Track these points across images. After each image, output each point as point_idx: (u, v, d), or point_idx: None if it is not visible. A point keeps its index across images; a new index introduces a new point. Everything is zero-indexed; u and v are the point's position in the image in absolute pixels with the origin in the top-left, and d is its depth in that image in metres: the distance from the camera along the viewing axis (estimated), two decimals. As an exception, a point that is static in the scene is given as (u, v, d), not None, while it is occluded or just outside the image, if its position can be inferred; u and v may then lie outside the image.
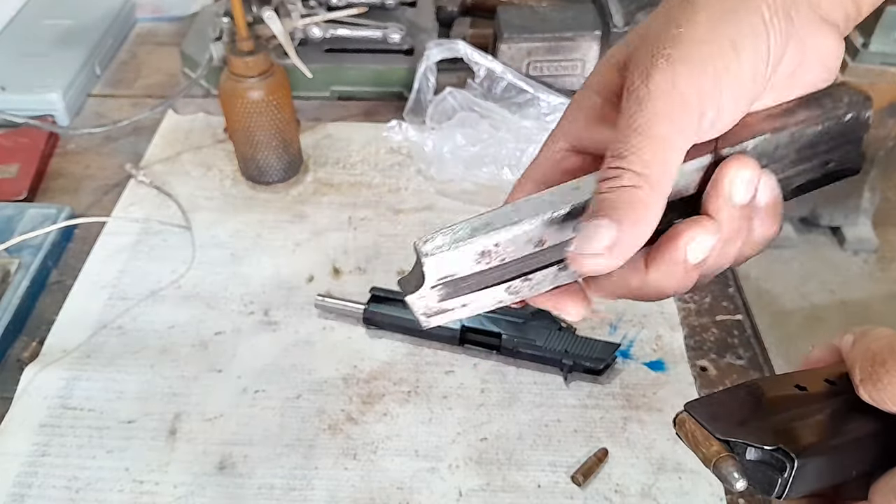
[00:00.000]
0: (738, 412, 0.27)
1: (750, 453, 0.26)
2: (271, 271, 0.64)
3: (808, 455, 0.26)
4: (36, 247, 0.63)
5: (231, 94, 0.66)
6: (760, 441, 0.26)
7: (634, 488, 0.49)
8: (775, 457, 0.26)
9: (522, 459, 0.51)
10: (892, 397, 0.26)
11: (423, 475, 0.50)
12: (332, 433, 0.52)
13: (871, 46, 1.43)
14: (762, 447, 0.26)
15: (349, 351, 0.58)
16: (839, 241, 1.82)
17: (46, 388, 0.54)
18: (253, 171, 0.71)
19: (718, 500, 0.49)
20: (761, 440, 0.26)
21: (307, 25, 0.79)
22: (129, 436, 0.52)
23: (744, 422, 0.27)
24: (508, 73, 0.74)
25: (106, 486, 0.49)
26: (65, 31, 0.88)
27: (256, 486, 0.49)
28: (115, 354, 0.57)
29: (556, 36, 0.75)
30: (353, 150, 0.77)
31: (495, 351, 0.56)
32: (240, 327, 0.59)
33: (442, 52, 0.74)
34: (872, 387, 0.26)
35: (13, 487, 0.49)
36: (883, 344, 0.26)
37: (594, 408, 0.54)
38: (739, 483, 0.25)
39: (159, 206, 0.70)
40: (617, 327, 0.59)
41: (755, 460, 0.26)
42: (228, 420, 0.53)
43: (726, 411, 0.27)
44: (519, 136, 0.70)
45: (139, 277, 0.63)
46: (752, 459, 0.26)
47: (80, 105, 0.83)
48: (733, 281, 0.64)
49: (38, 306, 0.61)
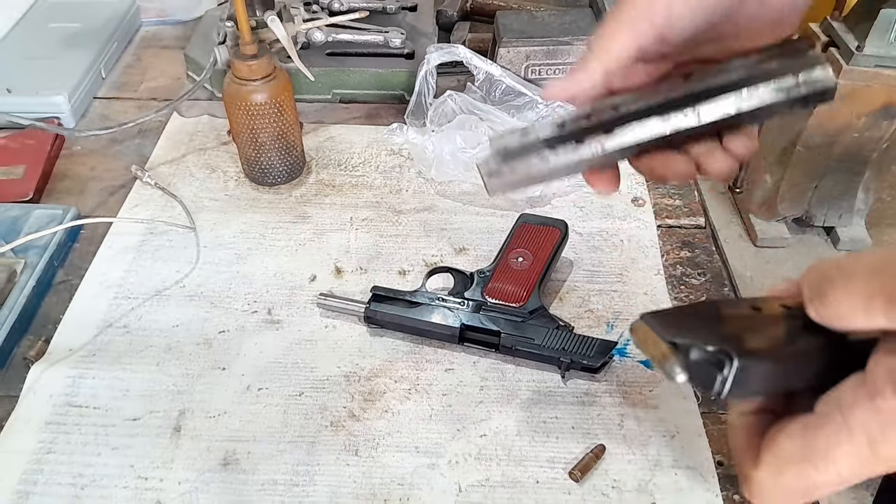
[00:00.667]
0: (691, 323, 0.29)
1: (693, 353, 0.28)
2: (274, 271, 0.65)
3: (749, 357, 0.27)
4: (42, 247, 0.64)
5: (235, 96, 0.67)
6: (705, 342, 0.27)
7: (631, 484, 0.50)
8: (717, 356, 0.27)
9: (521, 455, 0.52)
10: (837, 314, 0.26)
11: (424, 471, 0.51)
12: (334, 430, 0.53)
13: (866, 49, 1.44)
14: (705, 347, 0.27)
15: (351, 349, 0.58)
16: (833, 241, 1.83)
17: (52, 386, 0.55)
18: (256, 172, 0.72)
19: (714, 496, 0.50)
20: (706, 341, 0.27)
21: (310, 29, 0.80)
22: (134, 433, 0.53)
23: (693, 328, 0.28)
24: (507, 76, 0.75)
25: (111, 482, 0.50)
26: (71, 34, 0.89)
27: (260, 482, 0.50)
28: (120, 353, 0.58)
29: (554, 40, 0.76)
30: (355, 152, 0.78)
31: (494, 349, 0.57)
32: (243, 326, 0.60)
33: (442, 55, 0.75)
34: (820, 303, 0.27)
35: (19, 484, 0.50)
36: (831, 263, 0.27)
37: (591, 405, 0.55)
38: (680, 376, 0.27)
39: (164, 207, 0.71)
40: (614, 326, 0.60)
41: (698, 360, 0.27)
42: (232, 417, 0.54)
43: (679, 321, 0.29)
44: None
45: (144, 277, 0.64)
46: (696, 359, 0.27)
47: (86, 107, 0.84)
48: (728, 280, 0.65)
49: (45, 306, 0.62)
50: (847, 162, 1.64)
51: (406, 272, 0.65)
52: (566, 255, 0.65)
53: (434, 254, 0.66)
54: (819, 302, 0.27)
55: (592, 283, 0.64)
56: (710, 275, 0.65)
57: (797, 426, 0.28)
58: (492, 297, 0.59)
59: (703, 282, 0.64)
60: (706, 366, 0.27)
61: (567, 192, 0.72)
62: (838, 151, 1.62)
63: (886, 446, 0.25)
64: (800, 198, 1.75)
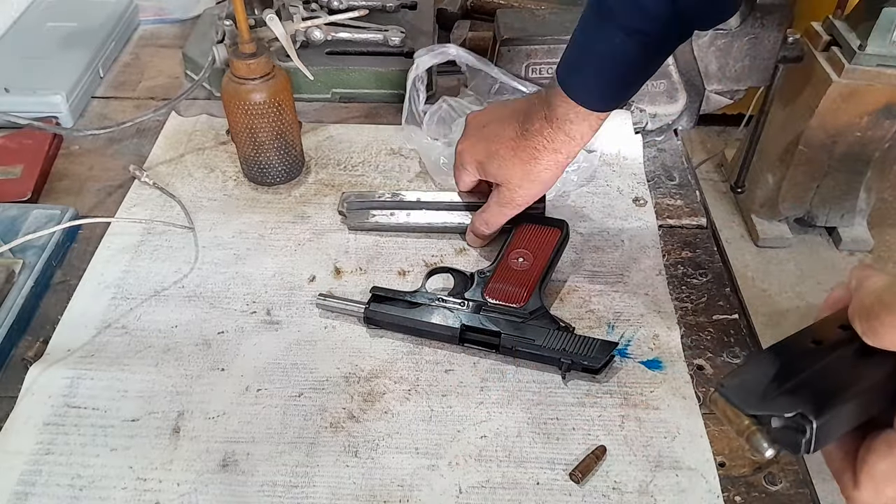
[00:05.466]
0: (762, 382, 0.31)
1: (775, 422, 0.29)
2: (273, 271, 0.64)
3: (826, 412, 0.29)
4: (40, 247, 0.63)
5: (233, 96, 0.66)
6: (782, 410, 0.29)
7: (632, 485, 0.50)
8: (796, 422, 0.29)
9: (521, 457, 0.51)
10: (891, 342, 0.28)
11: (424, 472, 0.50)
12: (333, 431, 0.53)
13: (868, 48, 1.44)
14: (783, 416, 0.29)
15: (350, 350, 0.58)
16: (835, 241, 1.83)
17: (51, 386, 0.55)
18: (255, 172, 0.72)
19: (715, 497, 0.49)
20: (783, 409, 0.29)
21: (309, 28, 0.80)
22: (133, 434, 0.52)
23: (767, 393, 0.30)
24: (500, 73, 0.75)
25: (110, 483, 0.50)
26: (68, 33, 0.89)
27: (259, 483, 0.50)
28: (118, 354, 0.58)
29: (555, 39, 0.76)
30: (355, 151, 0.77)
31: (494, 350, 0.57)
32: (242, 327, 0.60)
33: (432, 58, 0.74)
34: (873, 337, 0.29)
35: (17, 486, 0.50)
36: (873, 300, 0.29)
37: (592, 406, 0.54)
38: (768, 452, 0.29)
39: (163, 207, 0.70)
40: (615, 326, 0.60)
41: (781, 427, 0.29)
42: (231, 418, 0.53)
43: (751, 384, 0.31)
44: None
45: (143, 277, 0.64)
46: (778, 427, 0.29)
47: (84, 107, 0.84)
48: (729, 281, 0.64)
49: (43, 306, 0.62)
50: (849, 162, 1.64)
51: (406, 272, 0.65)
52: (567, 255, 0.65)
53: (434, 254, 0.66)
54: (873, 336, 0.29)
55: (593, 283, 0.63)
56: (712, 275, 0.64)
57: (884, 445, 0.30)
58: (492, 298, 0.58)
59: (705, 282, 0.64)
60: (789, 432, 0.29)
61: (567, 192, 0.72)
62: (840, 151, 1.62)
63: None
64: (801, 198, 1.74)
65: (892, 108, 1.51)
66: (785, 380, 0.30)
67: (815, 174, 1.68)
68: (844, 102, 1.51)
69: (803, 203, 1.75)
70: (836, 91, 1.50)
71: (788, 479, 0.50)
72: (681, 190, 0.73)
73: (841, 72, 1.47)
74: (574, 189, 0.72)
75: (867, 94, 1.49)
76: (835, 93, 1.50)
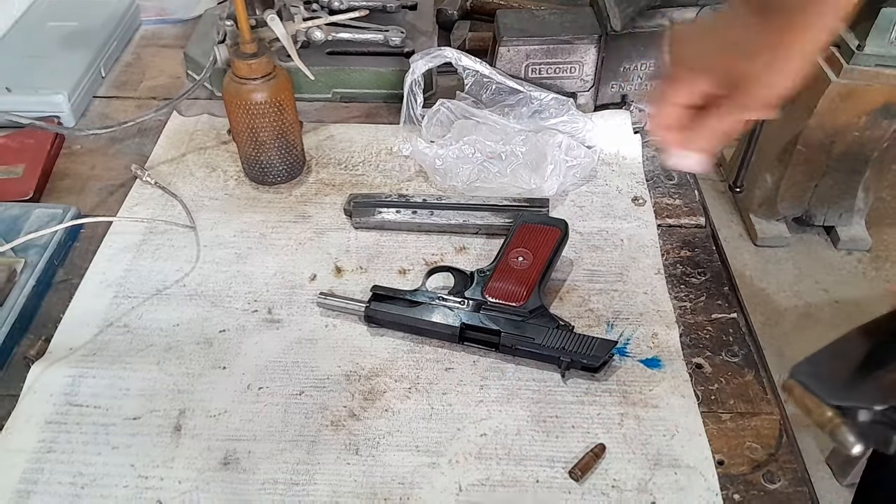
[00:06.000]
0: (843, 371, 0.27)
1: (863, 415, 0.26)
2: (275, 270, 0.65)
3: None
4: (42, 246, 0.64)
5: (235, 95, 0.66)
6: (871, 401, 0.26)
7: (631, 483, 0.50)
8: (889, 416, 0.26)
9: (521, 455, 0.52)
10: None
11: (424, 470, 0.51)
12: (334, 429, 0.53)
13: (867, 48, 1.44)
14: (873, 408, 0.26)
15: (351, 348, 0.58)
16: (833, 240, 1.83)
17: (52, 385, 0.55)
18: (256, 171, 0.72)
19: (714, 495, 0.50)
20: (872, 400, 0.26)
21: (309, 28, 0.80)
22: (135, 432, 0.53)
23: (850, 382, 0.27)
24: (497, 74, 0.75)
25: (111, 481, 0.50)
26: (70, 33, 0.89)
27: (260, 481, 0.50)
28: (120, 352, 0.58)
29: (555, 39, 0.76)
30: (355, 150, 0.77)
31: (494, 348, 0.57)
32: (244, 325, 0.60)
33: (428, 62, 0.74)
34: None
35: (19, 483, 0.50)
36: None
37: (591, 404, 0.55)
38: (856, 448, 0.26)
39: (164, 207, 0.71)
40: (614, 325, 0.60)
41: (869, 422, 0.26)
42: (232, 416, 0.54)
43: (831, 372, 0.27)
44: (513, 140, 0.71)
45: (144, 276, 0.64)
46: (866, 421, 0.26)
47: (86, 106, 0.84)
48: (728, 280, 0.65)
49: (45, 305, 0.62)
50: (847, 161, 1.64)
51: (406, 271, 0.65)
52: (566, 254, 0.65)
53: (434, 253, 0.66)
54: None
55: (592, 282, 0.64)
56: (710, 274, 0.65)
57: None
58: (492, 297, 0.59)
59: (704, 281, 0.64)
60: (879, 427, 0.26)
61: (567, 192, 0.72)
62: (838, 151, 1.62)
63: None
64: (800, 197, 1.75)
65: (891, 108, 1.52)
66: (875, 367, 0.27)
67: (814, 174, 1.68)
68: (843, 102, 1.52)
69: (802, 202, 1.75)
70: (834, 91, 1.50)
71: (787, 477, 0.51)
72: (679, 189, 0.74)
73: (839, 72, 1.48)
74: (573, 188, 0.72)
75: (865, 94, 1.50)
76: (833, 93, 1.50)
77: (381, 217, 0.67)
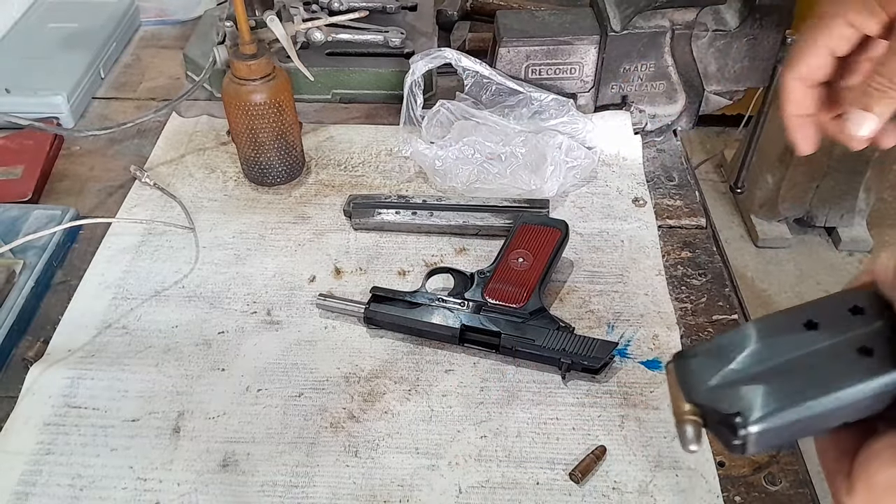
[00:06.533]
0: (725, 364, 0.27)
1: (714, 415, 0.27)
2: (274, 271, 0.64)
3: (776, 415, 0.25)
4: (41, 247, 0.64)
5: (234, 96, 0.66)
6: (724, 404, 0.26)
7: (632, 485, 0.50)
8: (732, 422, 0.26)
9: (521, 457, 0.51)
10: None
11: (424, 472, 0.51)
12: (333, 431, 0.53)
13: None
14: (720, 412, 0.26)
15: (350, 350, 0.58)
16: (834, 241, 1.83)
17: (51, 386, 0.55)
18: (256, 172, 0.72)
19: (715, 497, 0.49)
20: (725, 403, 0.26)
21: (309, 29, 0.80)
22: (133, 434, 0.53)
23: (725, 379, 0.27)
24: (497, 75, 0.75)
25: (110, 483, 0.50)
26: (69, 34, 0.89)
27: (259, 483, 0.50)
28: (119, 354, 0.58)
29: (555, 40, 0.76)
30: (355, 151, 0.77)
31: (494, 350, 0.57)
32: (243, 327, 0.60)
33: (427, 63, 0.74)
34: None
35: (18, 486, 0.50)
36: None
37: (592, 406, 0.54)
38: (691, 446, 0.27)
39: (163, 208, 0.71)
40: (614, 327, 0.60)
41: (717, 422, 0.27)
42: (231, 418, 0.54)
43: (713, 364, 0.27)
44: (513, 141, 0.71)
45: (143, 278, 0.64)
46: (715, 421, 0.27)
47: (85, 107, 0.84)
48: (729, 281, 0.64)
49: (43, 306, 0.62)
50: (848, 162, 1.64)
51: (406, 272, 0.65)
52: (567, 255, 0.65)
53: (434, 254, 0.66)
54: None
55: (593, 283, 0.64)
56: (711, 275, 0.65)
57: (888, 450, 0.25)
58: (492, 298, 0.58)
59: (704, 282, 0.64)
60: (723, 430, 0.26)
61: (567, 193, 0.72)
62: (839, 151, 1.62)
63: None
64: (801, 198, 1.75)
65: (892, 109, 1.51)
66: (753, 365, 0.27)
67: (815, 174, 1.68)
68: (844, 103, 1.51)
69: (803, 203, 1.75)
70: (835, 91, 1.50)
71: (788, 478, 0.50)
72: (680, 190, 0.74)
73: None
74: (574, 190, 0.72)
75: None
76: (834, 93, 1.50)
77: (381, 218, 0.67)
